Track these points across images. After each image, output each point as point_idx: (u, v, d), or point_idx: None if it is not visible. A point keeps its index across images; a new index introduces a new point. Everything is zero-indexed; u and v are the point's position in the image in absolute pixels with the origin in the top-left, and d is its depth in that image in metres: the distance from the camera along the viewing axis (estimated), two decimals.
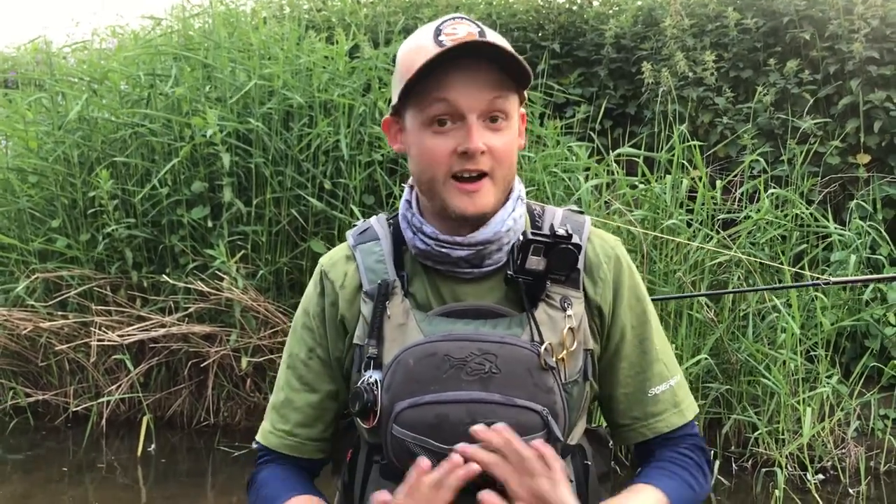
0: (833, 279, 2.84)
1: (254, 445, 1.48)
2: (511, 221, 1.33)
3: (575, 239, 1.30)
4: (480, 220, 1.30)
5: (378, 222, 1.43)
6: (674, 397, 1.40)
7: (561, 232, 1.30)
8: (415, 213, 1.36)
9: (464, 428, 1.22)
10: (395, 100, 1.31)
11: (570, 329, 1.30)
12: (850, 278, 3.78)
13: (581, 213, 1.43)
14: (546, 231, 1.33)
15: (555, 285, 1.32)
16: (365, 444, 1.38)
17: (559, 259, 1.29)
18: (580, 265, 1.34)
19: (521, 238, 1.30)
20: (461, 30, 1.25)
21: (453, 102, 1.24)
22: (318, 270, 1.43)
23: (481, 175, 1.28)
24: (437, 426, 1.23)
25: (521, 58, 1.24)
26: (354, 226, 1.47)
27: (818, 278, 3.04)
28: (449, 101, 1.24)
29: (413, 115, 1.29)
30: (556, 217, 1.40)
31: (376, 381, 1.28)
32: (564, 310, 1.31)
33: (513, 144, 1.30)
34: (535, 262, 1.29)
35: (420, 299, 1.35)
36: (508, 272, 1.32)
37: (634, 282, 1.40)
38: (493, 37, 1.27)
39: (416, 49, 1.27)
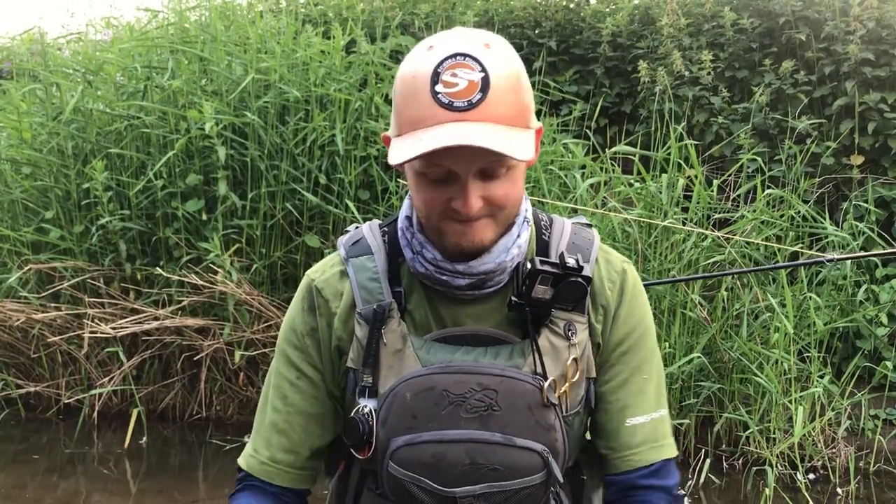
0: (837, 255, 2.82)
1: (237, 470, 1.39)
2: (516, 249, 1.26)
3: (586, 270, 1.24)
4: (478, 252, 1.23)
5: (371, 232, 1.35)
6: (654, 431, 1.31)
7: (571, 262, 1.23)
8: (415, 234, 1.28)
9: (462, 468, 1.20)
10: (392, 130, 1.21)
11: (574, 359, 1.25)
12: (855, 254, 3.80)
13: (590, 226, 1.36)
14: (554, 258, 1.26)
15: (559, 310, 1.27)
16: (357, 462, 1.36)
17: (567, 291, 1.24)
18: None
19: (529, 266, 1.23)
20: (462, 78, 1.13)
21: (448, 167, 1.16)
22: (309, 287, 1.34)
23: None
24: (434, 466, 1.20)
25: (515, 143, 1.13)
26: (346, 232, 1.39)
27: (821, 257, 3.03)
28: (443, 167, 1.16)
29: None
30: (564, 233, 1.32)
31: (371, 411, 1.24)
32: (568, 338, 1.26)
33: (515, 187, 1.21)
34: (542, 292, 1.23)
35: (418, 318, 1.29)
36: (512, 298, 1.26)
37: (634, 306, 1.32)
38: (496, 84, 1.14)
39: (413, 92, 1.15)
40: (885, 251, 3.28)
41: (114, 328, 4.29)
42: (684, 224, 4.20)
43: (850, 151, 4.83)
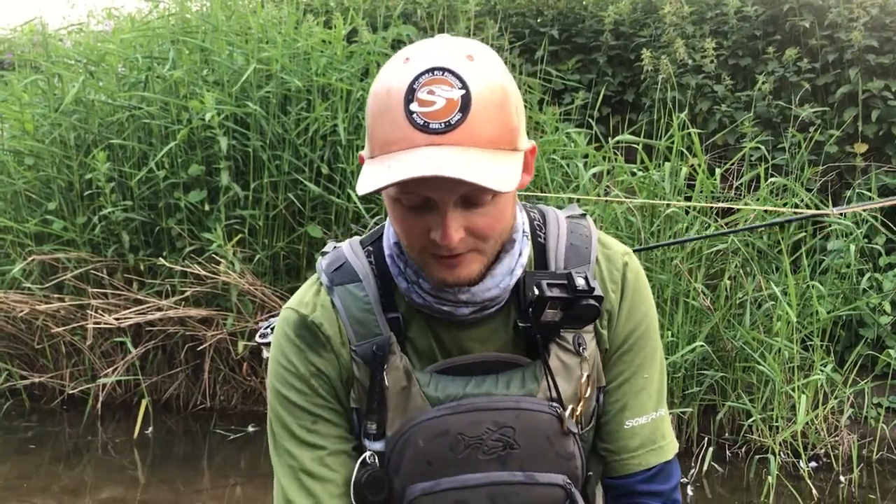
0: (840, 207, 2.70)
1: None
2: (519, 269, 1.17)
3: (597, 290, 1.15)
4: (466, 285, 1.14)
5: (354, 254, 1.22)
6: (654, 432, 1.26)
7: (580, 284, 1.14)
8: (408, 262, 1.16)
9: None
10: (366, 150, 1.10)
11: (587, 376, 1.20)
12: (859, 205, 3.73)
13: (584, 215, 1.28)
14: (553, 266, 1.20)
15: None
16: None
17: (579, 314, 1.15)
18: None
19: (536, 291, 1.14)
20: (440, 96, 1.01)
21: (425, 195, 1.05)
22: (304, 324, 1.20)
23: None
24: None
25: (497, 171, 1.01)
26: (324, 253, 1.26)
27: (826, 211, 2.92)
28: (419, 195, 1.05)
29: None
30: (561, 233, 1.23)
31: (383, 457, 1.18)
32: (579, 353, 1.19)
33: (503, 214, 1.10)
34: (551, 315, 1.15)
35: (421, 346, 1.20)
36: (519, 323, 1.18)
37: (636, 301, 1.24)
38: (478, 102, 1.02)
39: (385, 111, 1.04)
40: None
41: (117, 319, 4.30)
42: (687, 213, 4.19)
43: (853, 139, 4.82)
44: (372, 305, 1.18)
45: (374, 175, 1.02)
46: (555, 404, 1.17)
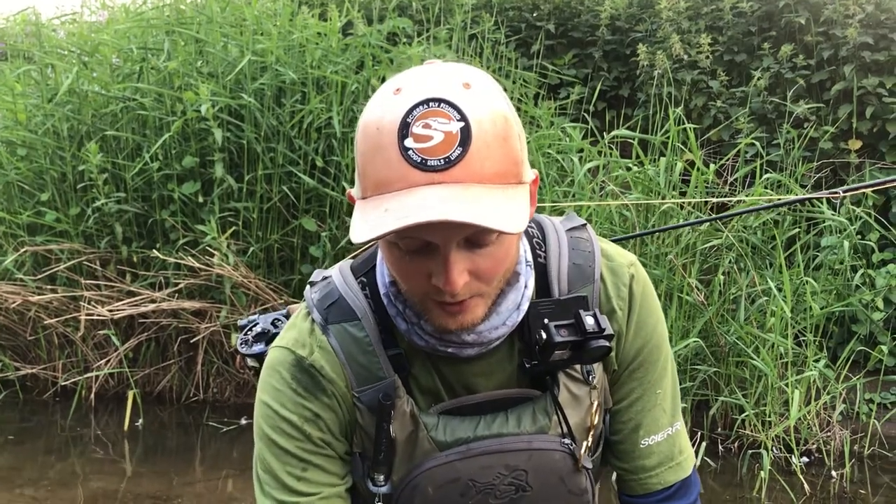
0: (844, 188, 2.67)
1: None
2: (525, 303, 1.11)
3: (608, 329, 1.08)
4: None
5: (348, 287, 1.14)
6: (671, 448, 1.21)
7: (590, 325, 1.07)
8: (407, 303, 1.09)
9: None
10: (356, 189, 1.01)
11: (598, 404, 1.16)
12: (863, 184, 3.73)
13: (584, 225, 1.21)
14: (556, 291, 1.14)
15: None
16: None
17: (589, 354, 1.09)
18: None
19: (544, 335, 1.08)
20: (437, 129, 0.92)
21: (424, 238, 0.97)
22: (300, 366, 1.12)
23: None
24: None
25: (505, 210, 0.94)
26: (312, 283, 1.18)
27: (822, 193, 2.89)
28: (419, 239, 0.97)
29: None
30: (562, 251, 1.16)
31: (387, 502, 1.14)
32: (588, 382, 1.15)
33: (508, 253, 1.03)
34: (559, 355, 1.09)
35: (425, 384, 1.14)
36: (526, 363, 1.12)
37: (644, 314, 1.18)
38: (479, 134, 0.94)
39: (377, 148, 0.95)
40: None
41: (110, 310, 4.29)
42: (682, 209, 4.19)
43: (847, 136, 4.83)
44: (374, 346, 1.11)
45: (371, 220, 0.93)
46: (566, 440, 1.13)
